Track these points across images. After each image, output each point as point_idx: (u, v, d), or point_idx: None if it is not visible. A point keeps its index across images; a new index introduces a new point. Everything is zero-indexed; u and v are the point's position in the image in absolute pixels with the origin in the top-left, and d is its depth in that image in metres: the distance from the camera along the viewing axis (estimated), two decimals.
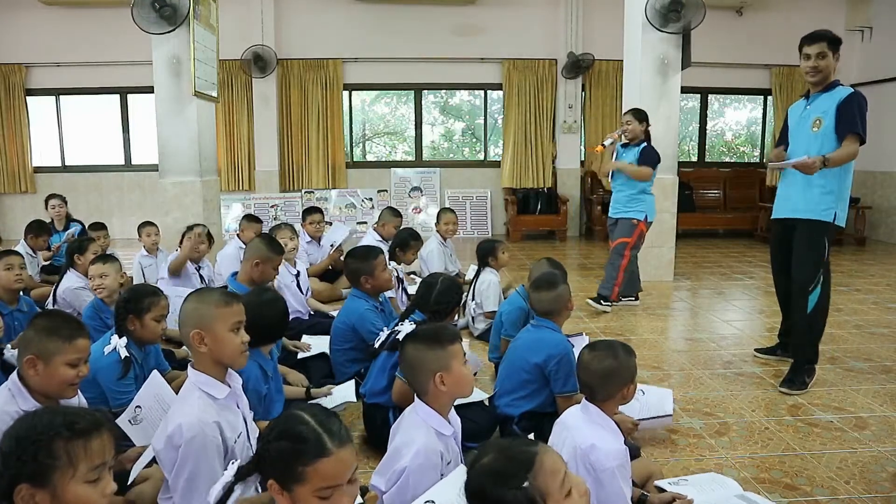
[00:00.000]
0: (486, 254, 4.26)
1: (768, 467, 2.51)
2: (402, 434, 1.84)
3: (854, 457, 2.60)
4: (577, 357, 2.08)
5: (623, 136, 5.07)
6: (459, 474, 1.57)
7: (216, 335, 1.85)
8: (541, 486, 1.26)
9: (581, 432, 1.87)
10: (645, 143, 5.00)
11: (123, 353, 2.46)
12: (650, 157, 4.93)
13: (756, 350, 3.92)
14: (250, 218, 5.27)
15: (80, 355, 1.88)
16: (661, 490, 2.15)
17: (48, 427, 1.23)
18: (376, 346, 2.79)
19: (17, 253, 3.47)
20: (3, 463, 1.22)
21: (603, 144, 5.12)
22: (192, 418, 1.71)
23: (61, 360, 1.84)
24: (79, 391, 2.05)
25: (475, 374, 3.13)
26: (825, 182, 3.27)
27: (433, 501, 1.55)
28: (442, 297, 2.78)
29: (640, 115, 5.04)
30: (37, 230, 5.31)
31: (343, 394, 2.77)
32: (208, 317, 1.86)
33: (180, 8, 5.37)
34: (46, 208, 6.19)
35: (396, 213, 5.50)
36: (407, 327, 2.60)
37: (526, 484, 1.25)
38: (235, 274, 3.49)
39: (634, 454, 2.46)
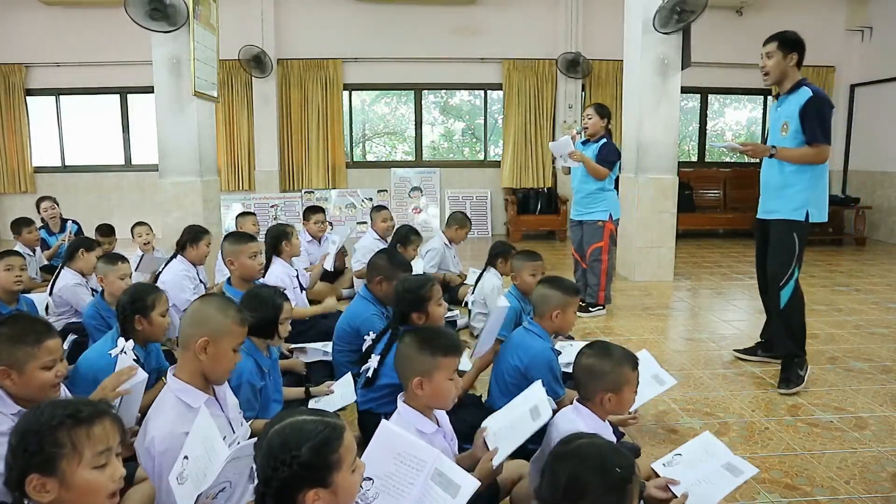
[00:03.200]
0: (497, 255, 4.23)
1: (768, 467, 2.51)
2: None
3: (854, 457, 2.60)
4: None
5: (582, 133, 4.95)
6: (378, 443, 1.61)
7: (220, 350, 1.84)
8: (632, 490, 1.33)
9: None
10: (605, 140, 4.83)
11: (132, 356, 2.46)
12: (609, 156, 4.78)
13: (735, 350, 3.90)
14: (243, 214, 5.33)
15: (52, 357, 1.84)
16: (657, 475, 2.17)
17: (51, 418, 1.27)
18: (363, 350, 2.79)
19: (17, 253, 3.47)
20: (12, 457, 1.27)
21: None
22: (165, 431, 1.70)
23: (34, 365, 1.80)
24: (66, 390, 2.03)
25: None
26: (797, 180, 3.33)
27: (370, 479, 1.57)
28: (401, 300, 2.67)
29: (601, 111, 4.88)
30: (20, 226, 5.33)
31: (343, 392, 2.77)
32: (222, 330, 1.85)
33: (179, 8, 5.37)
34: (38, 211, 6.19)
35: (381, 208, 5.51)
36: (374, 362, 2.56)
37: (629, 480, 1.32)
38: (230, 279, 3.51)
39: (635, 454, 2.47)
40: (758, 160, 3.53)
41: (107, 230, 5.46)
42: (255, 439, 1.35)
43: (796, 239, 3.37)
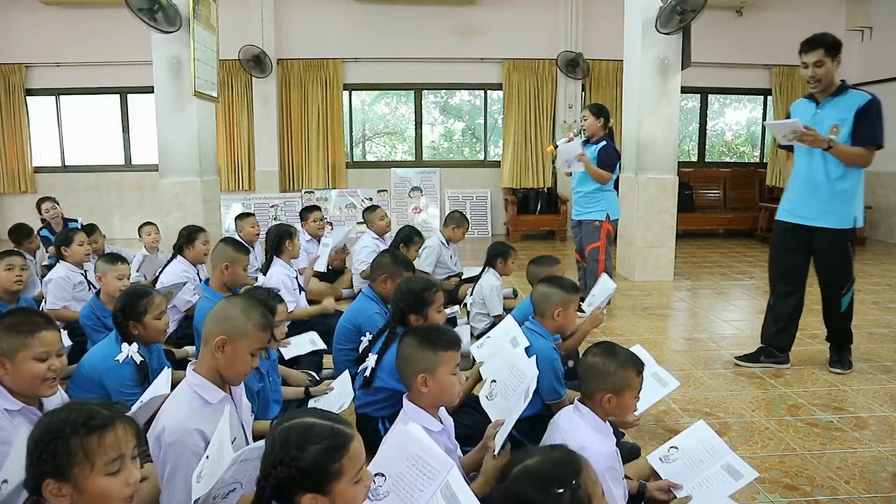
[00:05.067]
0: (496, 255, 4.23)
1: (768, 467, 2.51)
2: (395, 427, 1.86)
3: (854, 457, 2.60)
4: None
5: (581, 134, 4.95)
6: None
7: (238, 352, 1.84)
8: (588, 490, 1.26)
9: (572, 434, 1.87)
10: (605, 142, 4.81)
11: (138, 358, 2.47)
12: (608, 159, 4.75)
13: (737, 358, 3.76)
14: (242, 216, 5.29)
15: (46, 349, 1.83)
16: (656, 471, 2.18)
17: (63, 425, 1.29)
18: (360, 351, 2.78)
19: (18, 253, 3.47)
20: (29, 461, 1.30)
21: (555, 144, 4.98)
22: (176, 423, 1.71)
23: (26, 355, 1.80)
24: (63, 394, 2.01)
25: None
26: (848, 187, 3.32)
27: (383, 475, 1.56)
28: (401, 301, 2.63)
29: (597, 111, 4.85)
30: (20, 237, 5.20)
31: (341, 390, 2.77)
32: (242, 332, 1.85)
33: (177, 9, 5.37)
34: (40, 212, 6.15)
35: (374, 208, 5.51)
36: (371, 361, 2.53)
37: (578, 486, 1.23)
38: (208, 280, 3.50)
39: (634, 454, 2.47)
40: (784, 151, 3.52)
41: (89, 230, 5.19)
42: (264, 441, 1.35)
43: (850, 247, 3.41)
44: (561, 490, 1.22)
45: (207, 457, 1.54)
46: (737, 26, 9.19)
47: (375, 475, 1.53)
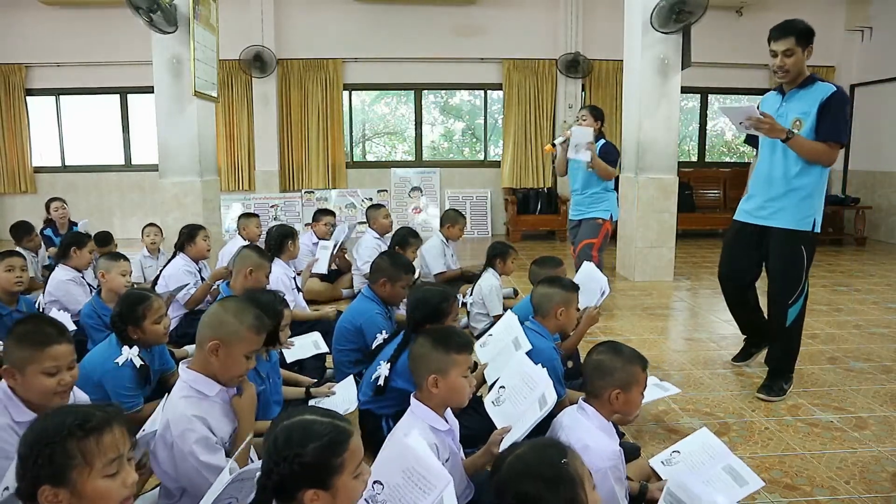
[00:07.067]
0: (496, 255, 4.23)
1: (768, 467, 2.51)
2: (398, 427, 1.87)
3: (854, 457, 2.60)
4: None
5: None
6: None
7: (232, 355, 1.84)
8: (577, 468, 1.30)
9: (576, 432, 1.88)
10: (604, 141, 4.86)
11: (138, 362, 2.46)
12: (609, 156, 4.80)
13: (733, 360, 3.75)
14: (248, 215, 5.28)
15: (55, 363, 1.76)
16: (657, 472, 2.21)
17: (59, 428, 1.26)
18: (373, 347, 2.77)
19: (19, 254, 3.46)
20: (22, 467, 1.26)
21: (553, 144, 4.96)
22: (178, 414, 1.73)
23: (35, 369, 1.74)
24: (74, 397, 1.98)
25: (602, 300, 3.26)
26: (806, 183, 3.04)
27: (381, 483, 1.56)
28: (422, 308, 2.59)
29: (595, 112, 4.89)
30: (20, 234, 5.20)
31: (345, 395, 2.75)
32: (236, 336, 1.84)
33: (178, 9, 5.37)
34: (49, 212, 6.15)
35: (378, 206, 5.51)
36: (384, 370, 2.51)
37: (567, 464, 1.29)
38: (228, 282, 3.49)
39: (634, 454, 2.47)
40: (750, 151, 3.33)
41: (102, 240, 5.08)
42: (261, 463, 1.36)
43: (804, 252, 3.10)
44: (551, 469, 1.28)
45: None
46: (737, 26, 9.19)
47: (374, 483, 1.54)
